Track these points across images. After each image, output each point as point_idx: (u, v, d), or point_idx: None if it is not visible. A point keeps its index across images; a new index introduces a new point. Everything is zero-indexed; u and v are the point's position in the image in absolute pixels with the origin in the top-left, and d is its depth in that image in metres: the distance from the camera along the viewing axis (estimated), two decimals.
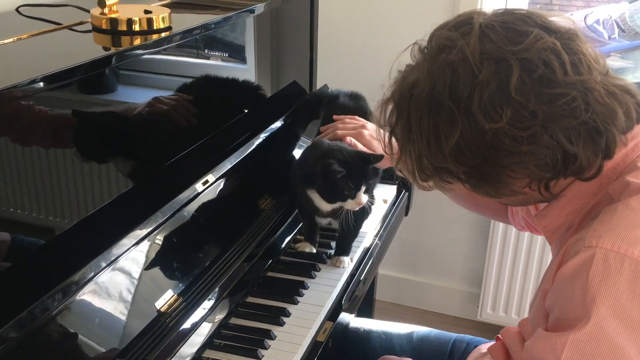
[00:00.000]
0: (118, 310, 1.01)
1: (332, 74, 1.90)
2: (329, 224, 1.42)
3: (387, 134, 0.89)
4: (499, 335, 1.13)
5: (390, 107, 0.86)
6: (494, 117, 0.75)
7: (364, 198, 1.27)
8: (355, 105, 1.53)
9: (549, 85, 0.75)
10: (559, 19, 0.82)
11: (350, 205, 1.28)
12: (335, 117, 1.48)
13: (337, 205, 1.30)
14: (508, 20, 0.80)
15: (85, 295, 0.97)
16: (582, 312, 0.75)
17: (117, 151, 1.15)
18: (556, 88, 0.75)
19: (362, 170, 1.28)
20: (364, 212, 1.36)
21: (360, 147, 1.37)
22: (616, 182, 0.82)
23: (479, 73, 0.76)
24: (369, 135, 1.39)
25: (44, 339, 0.90)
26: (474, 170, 0.80)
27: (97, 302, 0.98)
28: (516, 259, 2.19)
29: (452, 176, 0.83)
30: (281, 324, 1.15)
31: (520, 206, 0.95)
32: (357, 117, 1.47)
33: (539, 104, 0.75)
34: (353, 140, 1.39)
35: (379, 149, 1.30)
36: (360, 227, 1.40)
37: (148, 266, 1.10)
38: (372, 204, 1.45)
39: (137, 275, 1.07)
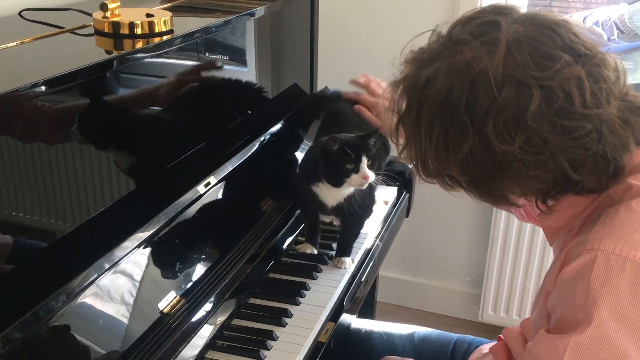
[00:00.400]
0: (121, 311, 1.02)
1: (332, 76, 1.90)
2: (330, 222, 1.42)
3: (394, 119, 0.87)
4: (501, 336, 1.13)
5: (399, 90, 0.85)
6: (507, 140, 0.75)
7: (369, 173, 1.23)
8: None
9: (565, 117, 0.74)
10: (588, 33, 0.79)
11: (356, 181, 1.24)
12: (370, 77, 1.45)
13: (344, 189, 1.27)
14: (536, 36, 0.76)
15: (89, 297, 0.97)
16: (583, 314, 0.75)
17: (119, 154, 1.16)
18: (572, 120, 0.74)
19: (360, 143, 1.24)
20: (365, 211, 1.36)
21: (367, 116, 1.36)
22: (618, 183, 0.82)
23: (499, 94, 0.74)
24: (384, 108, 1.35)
25: (47, 340, 0.90)
26: (477, 182, 0.81)
27: (100, 304, 0.99)
28: (517, 259, 2.19)
29: (454, 181, 0.83)
30: (283, 324, 1.16)
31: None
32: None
33: (552, 133, 0.74)
34: (363, 108, 1.37)
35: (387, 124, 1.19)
36: (361, 227, 1.41)
37: (150, 268, 1.10)
38: (374, 202, 1.45)
39: (139, 277, 1.07)
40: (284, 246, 1.37)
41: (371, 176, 1.24)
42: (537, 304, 0.94)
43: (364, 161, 1.23)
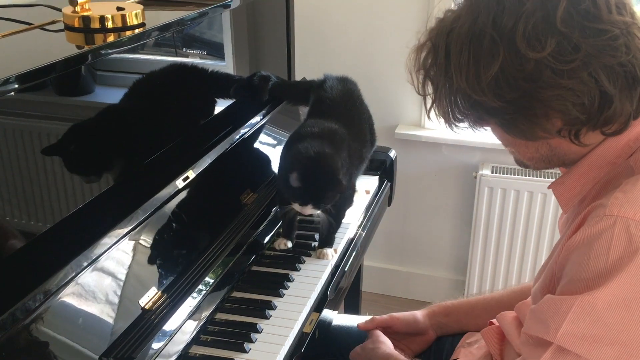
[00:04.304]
0: (101, 309, 1.00)
1: (310, 67, 1.90)
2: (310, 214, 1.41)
3: (420, 77, 0.87)
4: (493, 320, 1.13)
5: (426, 47, 0.85)
6: (536, 47, 0.75)
7: (310, 211, 1.26)
8: (344, 89, 1.50)
9: (593, 20, 0.75)
10: None
11: (296, 208, 1.27)
12: None
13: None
14: None
15: (68, 295, 0.96)
16: (597, 278, 0.74)
17: (97, 150, 1.14)
18: (600, 24, 0.75)
19: (317, 194, 1.24)
20: (346, 201, 1.36)
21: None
22: (637, 153, 0.82)
23: (526, 1, 0.76)
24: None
25: (26, 340, 0.89)
26: (511, 106, 0.79)
27: (80, 302, 0.97)
28: (499, 245, 2.21)
29: (487, 113, 0.82)
30: (267, 317, 1.15)
31: (544, 167, 0.92)
32: None
33: (582, 38, 0.74)
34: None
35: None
36: (343, 217, 1.40)
37: (131, 264, 1.09)
38: (355, 192, 1.44)
39: (119, 274, 1.06)
40: (266, 238, 1.37)
41: (308, 213, 1.27)
42: (542, 273, 0.92)
43: (309, 206, 1.25)
